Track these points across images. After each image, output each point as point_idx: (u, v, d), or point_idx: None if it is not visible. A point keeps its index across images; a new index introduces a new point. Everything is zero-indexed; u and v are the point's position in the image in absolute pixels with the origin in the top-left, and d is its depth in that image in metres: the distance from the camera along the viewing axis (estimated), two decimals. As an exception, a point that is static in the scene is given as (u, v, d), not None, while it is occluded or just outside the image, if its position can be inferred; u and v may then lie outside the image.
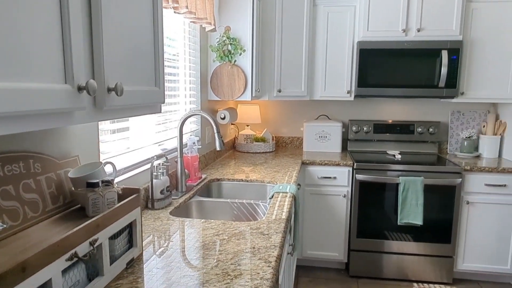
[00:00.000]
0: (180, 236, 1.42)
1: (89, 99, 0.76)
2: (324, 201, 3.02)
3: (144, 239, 1.38)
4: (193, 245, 1.33)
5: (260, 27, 2.94)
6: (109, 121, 1.63)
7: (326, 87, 3.19)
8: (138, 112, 0.99)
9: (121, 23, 0.89)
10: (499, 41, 2.90)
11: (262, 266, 1.17)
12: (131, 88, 0.90)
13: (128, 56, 0.91)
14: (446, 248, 2.88)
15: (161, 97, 1.07)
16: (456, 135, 3.33)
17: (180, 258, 1.22)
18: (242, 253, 1.26)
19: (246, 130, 3.51)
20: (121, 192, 1.16)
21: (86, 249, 0.92)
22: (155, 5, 1.02)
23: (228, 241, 1.37)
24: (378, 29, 2.97)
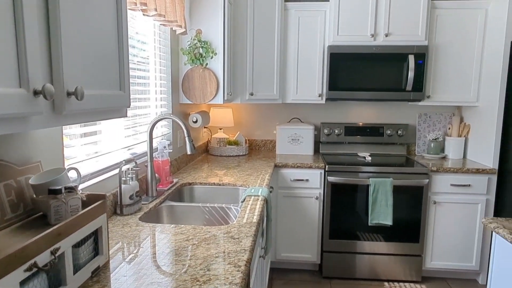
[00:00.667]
0: (149, 242, 1.39)
1: (46, 104, 0.73)
2: (297, 204, 3.04)
3: (112, 246, 1.35)
4: (163, 251, 1.31)
5: (232, 30, 2.94)
6: (79, 125, 1.59)
7: (298, 90, 3.23)
8: (102, 117, 0.96)
9: (82, 25, 0.87)
10: (462, 47, 3.01)
11: (231, 270, 1.17)
12: (93, 92, 0.88)
13: (90, 59, 0.89)
14: (415, 247, 2.96)
15: (126, 101, 1.05)
16: (424, 137, 3.43)
17: (148, 265, 1.20)
18: (212, 258, 1.25)
19: (219, 133, 3.50)
20: (85, 198, 1.12)
21: (47, 259, 0.89)
22: (119, 7, 1.00)
23: (198, 246, 1.35)
24: (348, 34, 3.02)
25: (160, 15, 1.99)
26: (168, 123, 2.63)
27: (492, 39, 2.89)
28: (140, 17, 2.12)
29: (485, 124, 2.96)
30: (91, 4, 0.91)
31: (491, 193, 2.87)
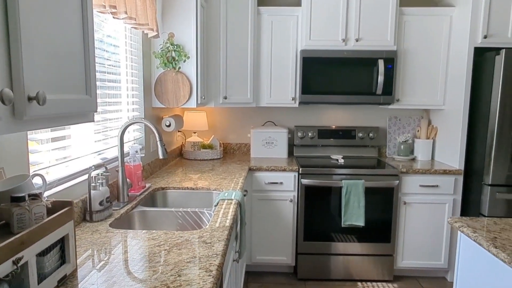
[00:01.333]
0: (119, 249, 1.36)
1: (5, 109, 0.71)
2: (271, 206, 3.05)
3: (81, 254, 1.32)
4: (133, 258, 1.28)
5: (205, 34, 2.94)
6: (48, 130, 1.54)
7: (272, 94, 3.25)
8: (66, 122, 0.94)
9: (45, 27, 0.85)
10: (429, 52, 3.12)
11: (203, 275, 1.16)
12: (56, 97, 0.86)
13: (53, 63, 0.87)
14: (386, 247, 3.03)
15: (93, 106, 1.03)
16: (394, 139, 3.52)
17: (118, 272, 1.18)
18: (183, 264, 1.24)
19: (193, 137, 3.47)
20: (50, 205, 1.09)
21: (9, 269, 0.86)
22: (85, 9, 0.98)
23: (170, 252, 1.34)
24: (319, 38, 3.07)
25: (130, 18, 1.96)
26: (140, 127, 2.60)
27: (456, 45, 3.00)
28: (112, 20, 2.09)
29: (451, 127, 3.07)
30: (54, 5, 0.89)
31: (458, 193, 2.98)
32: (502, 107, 2.64)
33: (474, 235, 1.59)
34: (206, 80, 3.04)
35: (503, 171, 2.70)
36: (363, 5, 3.01)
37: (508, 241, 1.50)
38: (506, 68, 2.60)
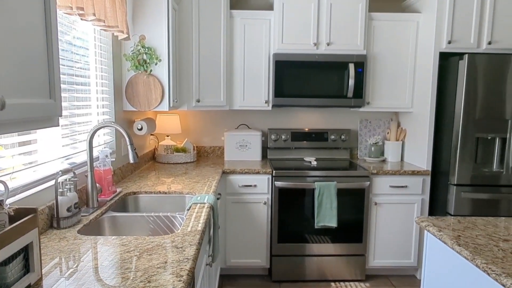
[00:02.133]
0: (87, 256, 1.33)
1: (-38, 114, 0.69)
2: (245, 209, 3.06)
3: (47, 262, 1.28)
4: (102, 265, 1.26)
5: (177, 37, 2.92)
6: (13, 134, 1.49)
7: (245, 97, 3.26)
8: (29, 127, 0.91)
9: (5, 32, 0.83)
10: (397, 56, 3.21)
11: (173, 281, 1.15)
12: (17, 101, 0.83)
13: (13, 66, 0.84)
14: (358, 247, 3.09)
15: (57, 110, 1.01)
16: (365, 141, 3.60)
17: (86, 280, 1.15)
18: (154, 269, 1.23)
19: (166, 140, 3.44)
20: (13, 213, 1.06)
21: (-33, 280, 0.83)
22: (48, 12, 0.96)
23: (140, 258, 1.32)
24: (291, 42, 3.11)
25: (99, 20, 1.93)
26: (111, 131, 2.55)
27: (423, 50, 3.11)
28: (82, 22, 2.04)
29: (419, 129, 3.17)
30: (14, 7, 0.87)
31: (426, 193, 3.07)
32: (466, 110, 2.74)
33: (439, 234, 1.64)
34: (179, 83, 3.02)
35: (467, 171, 2.81)
36: (334, 10, 3.08)
37: (471, 239, 1.56)
38: (469, 72, 2.71)
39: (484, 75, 2.71)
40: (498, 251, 1.44)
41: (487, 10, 2.86)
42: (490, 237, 1.59)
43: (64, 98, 1.89)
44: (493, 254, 1.41)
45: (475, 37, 2.88)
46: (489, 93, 2.73)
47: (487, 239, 1.57)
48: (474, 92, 2.73)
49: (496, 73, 2.71)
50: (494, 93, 2.73)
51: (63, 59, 1.87)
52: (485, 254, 1.41)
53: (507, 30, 2.89)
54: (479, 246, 1.49)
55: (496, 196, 2.83)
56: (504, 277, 1.23)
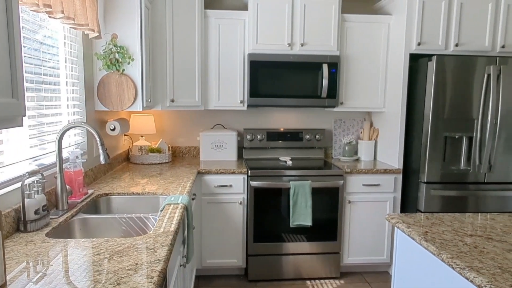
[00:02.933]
0: (55, 259, 1.30)
1: None
2: (221, 209, 3.05)
3: (13, 267, 1.24)
4: (70, 268, 1.23)
5: (150, 36, 2.88)
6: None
7: (220, 97, 3.25)
8: (-10, 127, 0.89)
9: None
10: (370, 57, 3.28)
11: (143, 283, 1.14)
12: (-24, 101, 0.81)
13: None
14: (333, 245, 3.13)
15: (21, 110, 0.98)
16: (339, 141, 3.66)
17: (54, 285, 1.12)
18: (124, 271, 1.21)
19: (141, 141, 3.39)
20: (-26, 216, 1.02)
21: None
22: (10, 9, 0.93)
23: (110, 260, 1.30)
24: (266, 43, 3.13)
25: (68, 18, 1.88)
26: (82, 131, 2.49)
27: (394, 51, 3.18)
28: (53, 20, 1.99)
29: (391, 128, 3.24)
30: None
31: (398, 191, 3.15)
32: (435, 109, 2.83)
33: (408, 230, 1.69)
34: (152, 83, 2.98)
35: (437, 169, 2.90)
36: (307, 11, 3.11)
37: (437, 234, 1.61)
38: (438, 73, 2.79)
39: (451, 76, 2.81)
40: (463, 245, 1.49)
41: (454, 13, 2.96)
42: (456, 232, 1.65)
43: (31, 98, 1.83)
44: (458, 249, 1.46)
45: (443, 39, 2.98)
46: (456, 93, 2.82)
47: (453, 234, 1.62)
48: (442, 93, 2.82)
49: (463, 74, 2.81)
50: (461, 93, 2.83)
51: (31, 58, 1.82)
52: (450, 249, 1.46)
53: (473, 32, 2.99)
54: (445, 241, 1.54)
55: (464, 193, 2.93)
56: (467, 271, 1.28)
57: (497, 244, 1.52)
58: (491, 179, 2.93)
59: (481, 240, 1.56)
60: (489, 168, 2.90)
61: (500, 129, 2.85)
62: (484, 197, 2.94)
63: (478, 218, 1.86)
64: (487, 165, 2.89)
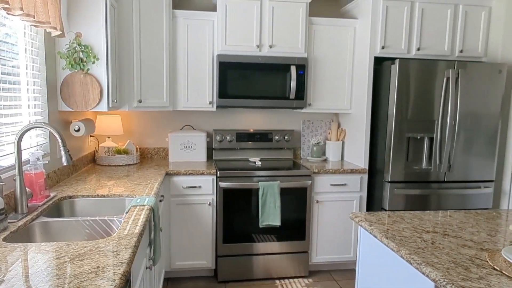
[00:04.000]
0: (13, 265, 1.26)
1: None
2: (190, 211, 3.03)
3: (-36, 273, 1.19)
4: (29, 274, 1.20)
5: (117, 35, 2.83)
6: None
7: (189, 97, 3.23)
8: None
9: None
10: (337, 59, 3.35)
11: (104, 286, 1.12)
12: None
13: None
14: (302, 244, 3.18)
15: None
16: (308, 142, 3.72)
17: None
18: (84, 275, 1.19)
19: (107, 142, 3.32)
20: None
21: None
22: (-40, 7, 0.90)
23: (70, 263, 1.27)
24: (235, 44, 3.14)
25: (28, 15, 1.82)
26: (44, 132, 2.42)
27: (359, 54, 3.27)
28: (15, 18, 1.92)
29: (357, 129, 3.33)
30: None
31: (364, 190, 3.23)
32: (398, 111, 2.93)
33: (370, 228, 1.74)
34: (119, 83, 2.93)
35: (400, 169, 3.00)
36: (276, 13, 3.15)
37: (397, 232, 1.67)
38: (400, 76, 2.89)
39: (414, 78, 2.91)
40: (421, 242, 1.56)
41: (415, 18, 3.08)
42: (415, 229, 1.72)
43: (-12, 97, 1.76)
44: (416, 245, 1.52)
45: (405, 43, 3.09)
46: (418, 95, 2.93)
47: (412, 231, 1.69)
48: (405, 95, 2.92)
49: (425, 77, 2.92)
50: (423, 96, 2.94)
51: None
52: (409, 245, 1.52)
53: (433, 37, 3.12)
54: (405, 238, 1.60)
55: (426, 191, 3.04)
56: (423, 266, 1.33)
57: (452, 239, 1.59)
58: (450, 178, 3.05)
59: (438, 236, 1.63)
60: (449, 167, 3.03)
61: (459, 130, 2.99)
62: (445, 195, 3.06)
63: (437, 215, 1.94)
64: (446, 164, 3.01)
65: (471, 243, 1.55)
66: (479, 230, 1.71)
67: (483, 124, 3.01)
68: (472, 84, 2.96)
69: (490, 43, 3.19)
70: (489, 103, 3.00)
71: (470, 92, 2.96)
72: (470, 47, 3.19)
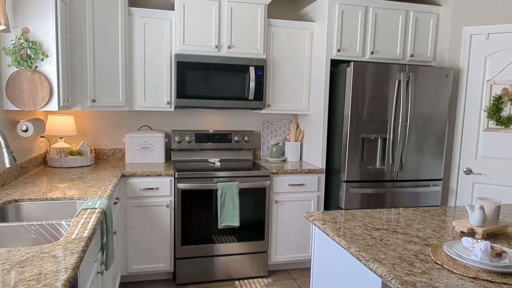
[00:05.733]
0: None
1: None
2: (147, 213, 2.97)
3: None
4: (-40, 282, 1.12)
5: (68, 32, 2.72)
6: None
7: (146, 97, 3.17)
8: None
9: None
10: (295, 61, 3.40)
11: (46, 292, 1.07)
12: None
13: None
14: (261, 244, 3.19)
15: None
16: (267, 142, 3.75)
17: None
18: (25, 282, 1.13)
19: (59, 143, 3.19)
20: None
21: None
22: None
23: (9, 271, 1.20)
24: (193, 43, 3.11)
25: (-33, 8, 1.72)
26: (-13, 132, 2.28)
27: (317, 56, 3.34)
28: None
29: (315, 130, 3.39)
30: None
31: (321, 190, 3.30)
32: (353, 112, 3.01)
33: (323, 227, 1.78)
34: (71, 82, 2.82)
35: (355, 168, 3.09)
36: (234, 14, 3.15)
37: (349, 230, 1.72)
38: (355, 78, 2.98)
39: (368, 81, 3.01)
40: (370, 239, 1.61)
41: (369, 23, 3.18)
42: (366, 227, 1.77)
43: None
44: (366, 242, 1.57)
45: (360, 47, 3.18)
46: (372, 97, 3.03)
47: (363, 229, 1.74)
48: (360, 97, 3.01)
49: (378, 80, 3.02)
50: (377, 98, 3.04)
51: None
52: (359, 242, 1.56)
53: (386, 41, 3.24)
54: (355, 235, 1.65)
55: (380, 190, 3.15)
56: (371, 262, 1.38)
57: (400, 236, 1.66)
58: (402, 177, 3.18)
59: (386, 233, 1.69)
60: (401, 166, 3.15)
61: (410, 131, 3.12)
62: (398, 194, 3.19)
63: (387, 213, 2.02)
64: (399, 164, 3.14)
65: (416, 239, 1.62)
66: (425, 227, 1.80)
67: (432, 125, 3.16)
68: (422, 87, 3.10)
69: (438, 48, 3.36)
70: (438, 105, 3.15)
71: (420, 94, 3.10)
72: (420, 52, 3.34)
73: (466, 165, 3.19)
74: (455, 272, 1.29)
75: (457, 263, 1.35)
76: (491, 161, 3.08)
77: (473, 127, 3.13)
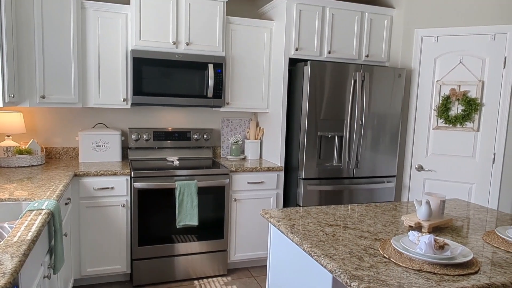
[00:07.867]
0: None
1: None
2: (102, 214, 2.87)
3: None
4: None
5: (14, 24, 2.58)
6: None
7: (101, 94, 3.06)
8: None
9: None
10: (254, 59, 3.41)
11: (-21, 300, 1.01)
12: None
13: None
14: (220, 243, 3.18)
15: None
16: (227, 140, 3.73)
17: None
18: (-44, 290, 1.06)
19: (7, 141, 3.02)
20: None
21: None
22: None
23: None
24: (150, 39, 3.04)
25: None
26: None
27: (276, 55, 3.36)
28: None
29: (274, 128, 3.42)
30: None
31: (280, 188, 3.33)
32: (311, 111, 3.06)
33: (277, 224, 1.79)
34: (18, 77, 2.67)
35: (313, 166, 3.14)
36: (193, 10, 3.10)
37: (303, 226, 1.74)
38: (312, 77, 3.02)
39: (325, 80, 3.06)
40: (323, 235, 1.64)
41: (326, 23, 3.24)
42: (319, 223, 1.80)
43: None
44: (318, 238, 1.60)
45: (317, 46, 3.24)
46: (329, 96, 3.09)
47: (316, 225, 1.77)
48: (317, 95, 3.06)
49: (335, 79, 3.09)
50: (333, 96, 3.10)
51: None
52: (312, 239, 1.59)
53: (343, 42, 3.31)
54: (309, 232, 1.67)
55: (337, 187, 3.22)
56: (322, 258, 1.40)
57: (351, 231, 1.70)
58: (358, 174, 3.27)
59: (339, 229, 1.73)
60: (357, 164, 3.24)
61: (365, 129, 3.21)
62: (354, 190, 3.27)
63: (340, 209, 2.07)
64: (354, 161, 3.22)
65: (367, 234, 1.67)
66: (376, 222, 1.85)
67: (386, 124, 3.27)
68: (377, 86, 3.20)
69: (392, 49, 3.48)
70: (391, 104, 3.26)
71: (375, 94, 3.20)
72: (375, 52, 3.44)
73: (418, 162, 3.33)
74: (401, 265, 1.34)
75: (403, 256, 1.40)
76: (440, 158, 3.23)
77: (424, 126, 3.28)
